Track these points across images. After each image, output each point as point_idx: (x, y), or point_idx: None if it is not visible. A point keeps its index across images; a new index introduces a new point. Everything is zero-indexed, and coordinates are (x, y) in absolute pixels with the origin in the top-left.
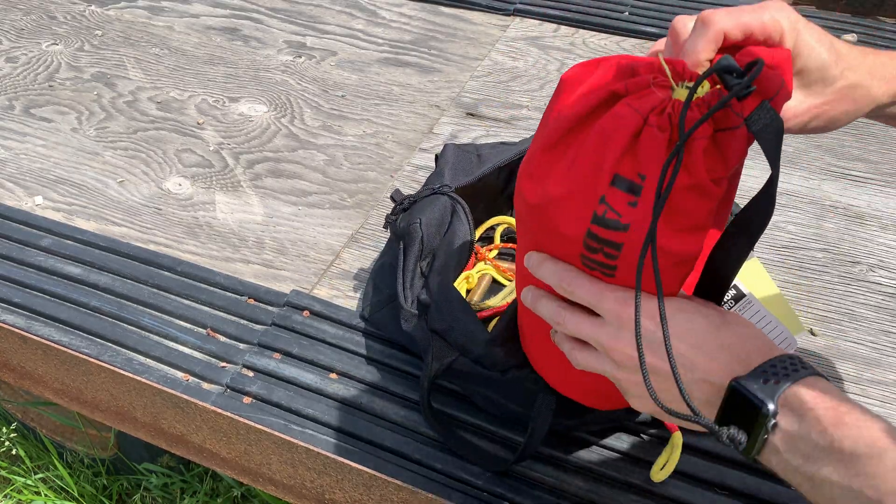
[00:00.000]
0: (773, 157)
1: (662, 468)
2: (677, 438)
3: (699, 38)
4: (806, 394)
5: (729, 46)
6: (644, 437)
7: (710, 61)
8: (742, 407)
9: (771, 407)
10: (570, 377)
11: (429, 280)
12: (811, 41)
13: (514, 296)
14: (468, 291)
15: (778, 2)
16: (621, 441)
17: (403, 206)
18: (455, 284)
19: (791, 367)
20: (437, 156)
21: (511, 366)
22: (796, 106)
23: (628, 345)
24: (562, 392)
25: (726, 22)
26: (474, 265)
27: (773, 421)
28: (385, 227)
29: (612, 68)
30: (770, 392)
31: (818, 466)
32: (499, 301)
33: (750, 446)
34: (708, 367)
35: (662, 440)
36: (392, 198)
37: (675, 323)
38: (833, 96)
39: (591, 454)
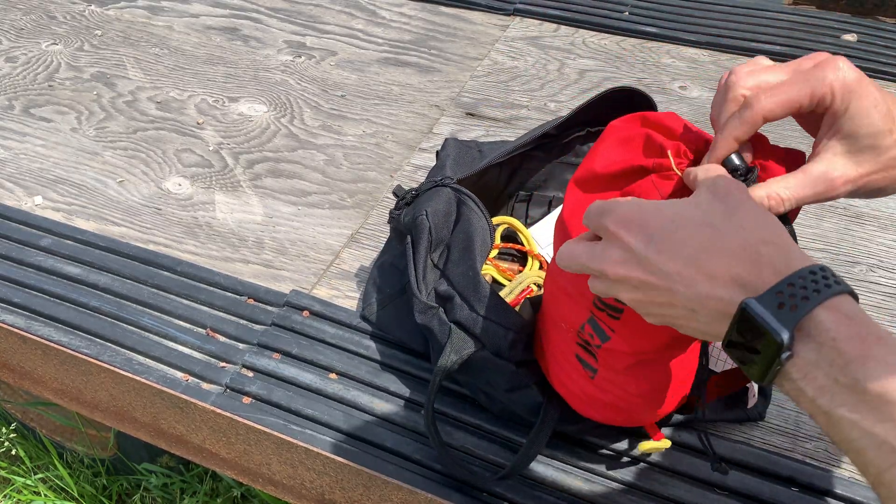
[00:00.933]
0: None
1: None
2: (665, 444)
3: (736, 120)
4: (828, 319)
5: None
6: (644, 438)
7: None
8: (753, 331)
9: (785, 336)
10: (582, 392)
11: (447, 271)
12: (866, 106)
13: (513, 296)
14: None
15: (831, 58)
16: (621, 442)
17: (406, 201)
18: None
19: (812, 286)
20: (438, 152)
21: (530, 359)
22: (847, 172)
23: (617, 264)
24: (574, 407)
25: (769, 104)
26: None
27: (787, 353)
28: (389, 222)
29: (642, 140)
30: (786, 319)
31: (836, 404)
32: None
33: (761, 374)
34: (710, 282)
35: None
36: (394, 193)
37: (665, 234)
38: (886, 164)
39: (591, 455)
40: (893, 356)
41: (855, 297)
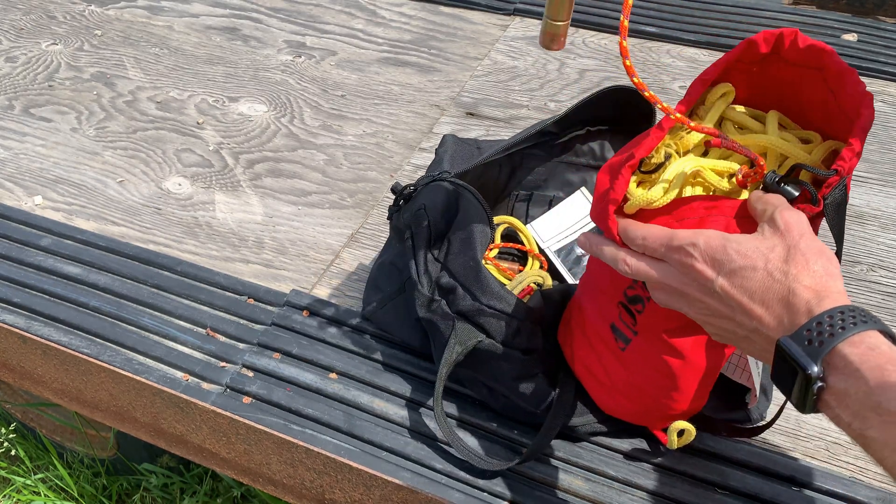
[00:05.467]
0: (837, 221)
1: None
2: (691, 430)
3: None
4: (852, 353)
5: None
6: (645, 437)
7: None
8: (789, 365)
9: (815, 369)
10: (606, 374)
11: (448, 264)
12: None
13: (514, 293)
14: None
15: None
16: (621, 441)
17: (405, 196)
18: None
19: (839, 324)
20: (436, 149)
21: (536, 347)
22: None
23: (695, 289)
24: (593, 394)
25: None
26: None
27: (819, 384)
28: (389, 219)
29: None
30: (814, 354)
31: (866, 427)
32: None
33: (801, 403)
34: (761, 320)
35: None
36: (393, 190)
37: (734, 269)
38: None
39: (591, 454)
40: None
41: (886, 332)
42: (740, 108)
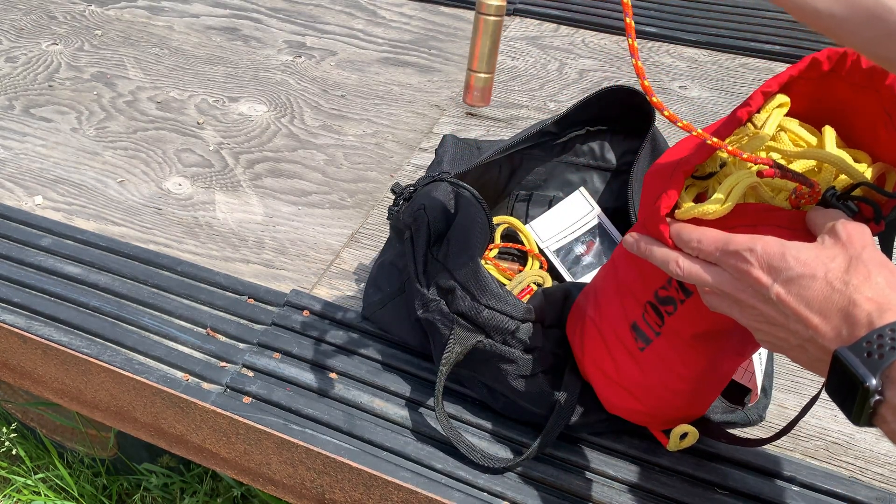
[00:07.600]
0: (888, 240)
1: (682, 438)
2: (694, 433)
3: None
4: None
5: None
6: (645, 437)
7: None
8: (846, 377)
9: (873, 382)
10: (618, 373)
11: (448, 264)
12: None
13: (514, 293)
14: None
15: None
16: (621, 441)
17: (405, 197)
18: None
19: None
20: (436, 149)
21: (535, 347)
22: None
23: (749, 295)
24: (600, 393)
25: None
26: None
27: (876, 397)
28: (388, 219)
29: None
30: (873, 367)
31: None
32: None
33: (856, 416)
34: (817, 329)
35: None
36: (393, 190)
37: (791, 277)
38: None
39: (591, 454)
40: None
41: None
42: (794, 121)
